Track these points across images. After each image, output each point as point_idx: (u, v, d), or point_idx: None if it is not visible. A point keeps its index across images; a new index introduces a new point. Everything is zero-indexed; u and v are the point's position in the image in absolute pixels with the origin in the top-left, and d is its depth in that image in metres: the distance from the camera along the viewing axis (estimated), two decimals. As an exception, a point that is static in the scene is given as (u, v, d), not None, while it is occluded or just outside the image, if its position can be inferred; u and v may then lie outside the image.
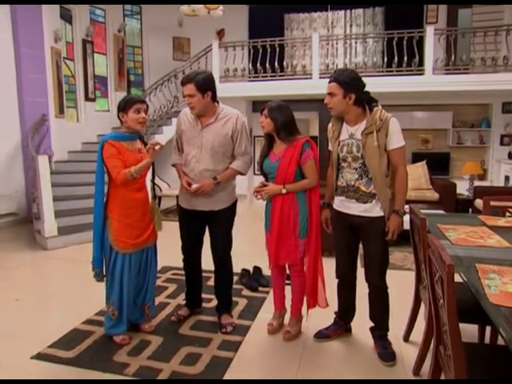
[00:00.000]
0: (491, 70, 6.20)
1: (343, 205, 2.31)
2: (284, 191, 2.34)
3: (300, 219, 2.38)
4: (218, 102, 2.53)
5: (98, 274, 2.41)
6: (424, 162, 6.24)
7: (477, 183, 6.73)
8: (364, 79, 2.24)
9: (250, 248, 4.34)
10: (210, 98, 2.43)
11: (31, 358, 2.28)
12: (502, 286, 1.41)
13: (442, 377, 1.68)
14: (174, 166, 2.67)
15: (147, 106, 2.42)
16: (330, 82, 2.20)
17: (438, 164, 7.48)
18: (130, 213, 2.37)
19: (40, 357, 2.29)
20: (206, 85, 2.40)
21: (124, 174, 2.26)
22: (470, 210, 5.57)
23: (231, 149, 2.53)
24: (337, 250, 2.44)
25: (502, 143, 7.41)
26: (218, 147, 2.46)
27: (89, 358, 2.27)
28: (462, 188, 6.29)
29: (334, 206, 2.38)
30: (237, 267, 3.41)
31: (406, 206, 2.41)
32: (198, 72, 2.45)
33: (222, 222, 2.59)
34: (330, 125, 2.37)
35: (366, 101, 2.23)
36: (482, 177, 7.41)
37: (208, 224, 2.63)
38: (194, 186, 2.43)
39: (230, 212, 2.63)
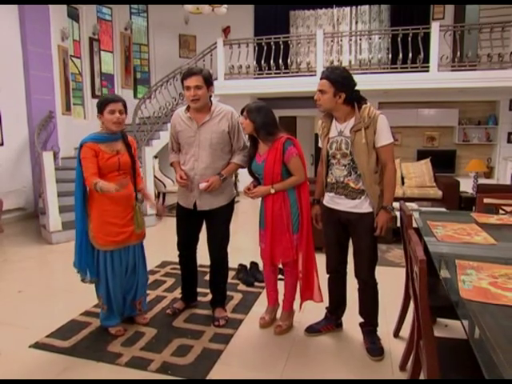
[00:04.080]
0: (497, 66, 6.13)
1: (333, 201, 2.34)
2: (273, 191, 2.37)
3: (292, 215, 2.41)
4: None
5: (83, 275, 2.47)
6: (428, 159, 6.19)
7: (483, 181, 6.68)
8: (368, 76, 2.28)
9: (249, 244, 4.39)
10: (210, 94, 2.51)
11: (29, 346, 2.37)
12: (476, 281, 1.43)
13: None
14: (171, 165, 2.72)
15: (124, 105, 2.39)
16: (321, 79, 2.22)
17: (444, 162, 7.43)
18: (108, 210, 2.36)
19: (38, 346, 2.38)
20: (210, 79, 2.50)
21: (90, 183, 2.26)
22: (474, 207, 5.53)
23: (229, 145, 2.57)
24: (327, 245, 2.47)
25: (509, 141, 7.32)
26: (217, 144, 2.51)
27: (84, 347, 2.35)
28: (468, 186, 6.25)
29: (324, 203, 2.41)
30: (235, 262, 3.49)
31: (396, 203, 2.44)
32: (201, 68, 2.55)
33: (220, 219, 2.63)
34: (320, 122, 2.40)
35: (355, 99, 2.24)
36: (489, 175, 7.34)
37: (206, 221, 2.67)
38: (203, 184, 2.45)
39: (229, 209, 2.67)
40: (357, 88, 2.23)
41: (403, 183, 6.04)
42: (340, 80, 2.17)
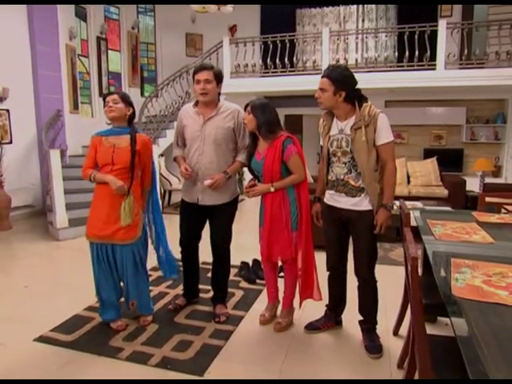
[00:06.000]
0: (506, 64, 6.05)
1: (333, 199, 2.35)
2: (272, 189, 2.39)
3: (291, 214, 2.43)
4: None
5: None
6: (434, 158, 6.16)
7: (491, 180, 6.61)
8: (375, 75, 2.26)
9: (252, 241, 4.40)
10: (219, 90, 2.57)
11: (34, 340, 2.43)
12: (470, 279, 1.43)
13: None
14: (175, 159, 2.73)
15: (122, 97, 2.46)
16: (322, 77, 2.23)
17: (451, 160, 7.37)
18: (99, 204, 2.44)
19: (42, 339, 2.43)
20: (220, 76, 2.56)
21: (86, 173, 2.42)
22: (480, 207, 5.48)
23: (233, 142, 2.60)
24: (327, 243, 2.47)
25: (517, 139, 7.23)
26: (221, 140, 2.54)
27: (86, 341, 2.40)
28: (476, 185, 6.19)
29: (325, 200, 2.42)
30: (238, 260, 3.52)
31: (396, 202, 2.44)
32: (213, 65, 2.64)
33: (223, 216, 2.66)
34: (321, 120, 2.41)
35: (356, 98, 2.24)
36: (497, 174, 7.26)
37: (209, 218, 2.70)
38: (208, 181, 2.47)
39: (232, 206, 2.70)
40: (363, 87, 2.25)
41: (409, 182, 6.01)
42: (340, 79, 2.18)
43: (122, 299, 2.63)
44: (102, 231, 2.42)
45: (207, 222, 2.74)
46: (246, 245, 4.13)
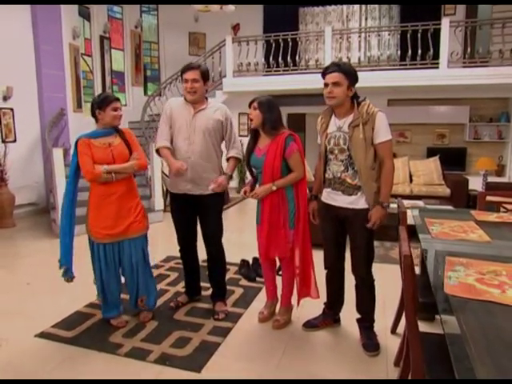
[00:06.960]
0: (510, 62, 6.02)
1: (330, 197, 2.36)
2: (274, 188, 2.40)
3: (289, 212, 2.44)
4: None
5: (65, 273, 2.56)
6: (437, 157, 6.14)
7: (494, 179, 6.58)
8: (377, 73, 2.25)
9: (254, 239, 4.43)
10: (206, 88, 2.62)
11: (35, 336, 2.47)
12: (463, 277, 1.44)
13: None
14: (157, 151, 2.65)
15: (120, 103, 2.54)
16: (331, 72, 2.18)
17: (454, 159, 7.34)
18: (105, 204, 2.42)
19: (43, 335, 2.47)
20: (207, 75, 2.60)
21: (97, 172, 2.34)
22: (482, 206, 5.46)
23: (220, 135, 2.65)
24: (325, 241, 2.48)
25: (521, 138, 7.18)
26: (211, 130, 2.58)
27: (87, 337, 2.43)
28: (479, 184, 6.16)
29: (322, 199, 2.43)
30: (238, 257, 3.54)
31: (395, 200, 2.45)
32: (199, 63, 2.68)
33: (212, 209, 2.66)
34: (320, 118, 2.41)
35: (355, 96, 2.25)
36: (500, 173, 7.22)
37: (199, 213, 2.70)
38: (212, 185, 2.50)
39: (220, 198, 2.69)
40: (366, 85, 2.27)
41: (411, 181, 6.00)
42: (351, 72, 2.19)
43: (124, 296, 2.65)
44: (114, 229, 2.43)
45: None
46: (246, 243, 4.16)
